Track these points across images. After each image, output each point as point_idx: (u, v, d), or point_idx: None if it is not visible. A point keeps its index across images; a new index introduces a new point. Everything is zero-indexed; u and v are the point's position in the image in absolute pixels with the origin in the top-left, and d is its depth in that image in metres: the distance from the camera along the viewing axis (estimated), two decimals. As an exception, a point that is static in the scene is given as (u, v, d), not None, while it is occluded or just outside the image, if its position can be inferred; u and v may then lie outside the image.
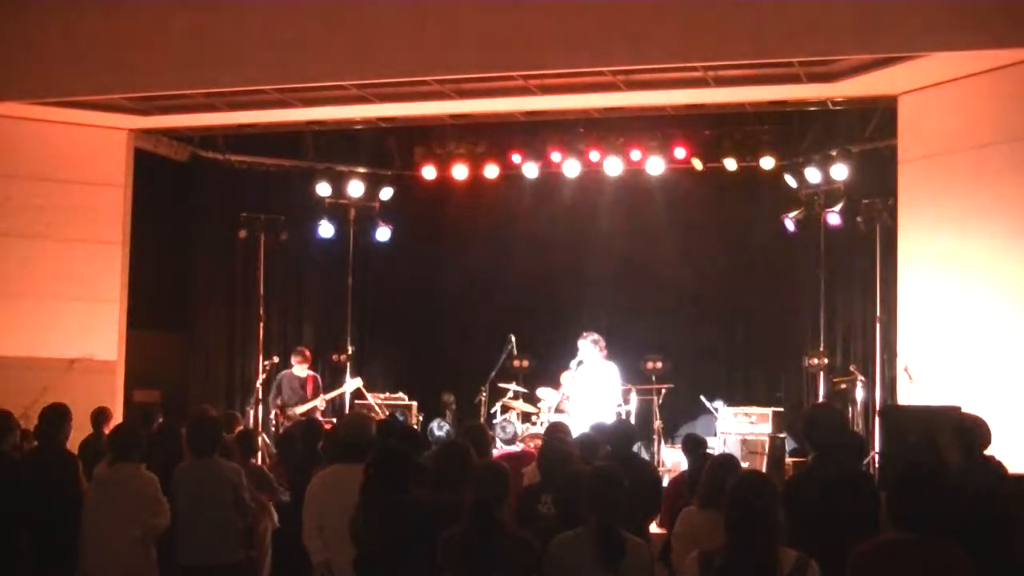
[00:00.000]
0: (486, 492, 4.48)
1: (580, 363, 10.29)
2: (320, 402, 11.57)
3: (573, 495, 4.77)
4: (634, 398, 11.13)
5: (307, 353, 11.87)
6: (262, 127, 11.93)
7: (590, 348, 10.21)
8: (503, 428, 9.69)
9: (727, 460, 5.59)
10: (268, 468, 8.31)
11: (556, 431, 7.08)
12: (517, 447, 9.22)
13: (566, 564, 4.38)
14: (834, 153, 11.41)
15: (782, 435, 10.94)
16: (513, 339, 11.74)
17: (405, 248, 13.76)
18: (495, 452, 8.88)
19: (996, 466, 5.49)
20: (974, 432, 5.53)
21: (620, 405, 10.56)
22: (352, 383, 12.05)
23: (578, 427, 8.12)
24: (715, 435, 10.90)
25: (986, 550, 4.45)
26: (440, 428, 10.72)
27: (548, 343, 12.04)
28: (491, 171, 12.95)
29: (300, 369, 11.66)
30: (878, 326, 10.84)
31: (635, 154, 12.48)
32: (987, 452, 5.58)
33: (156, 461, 6.53)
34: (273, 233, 12.71)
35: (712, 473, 5.23)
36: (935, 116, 9.64)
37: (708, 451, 7.61)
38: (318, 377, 11.92)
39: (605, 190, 13.06)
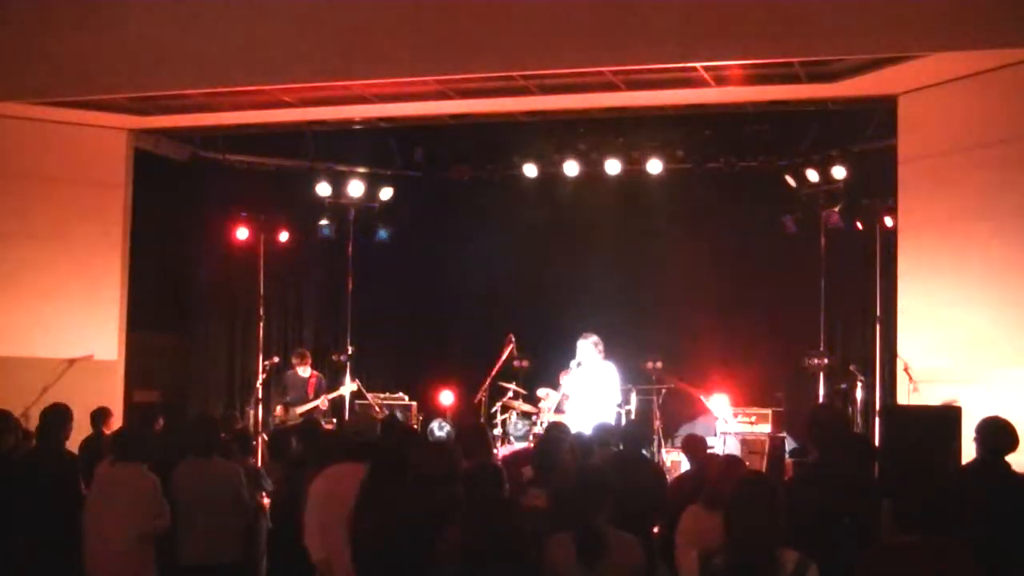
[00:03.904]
0: (480, 491, 4.52)
1: (579, 364, 10.29)
2: (323, 401, 11.59)
3: (562, 495, 4.79)
4: (634, 398, 11.13)
5: (306, 354, 11.94)
6: (262, 127, 11.92)
7: (588, 348, 10.21)
8: (516, 426, 9.69)
9: (732, 461, 5.61)
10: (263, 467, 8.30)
11: (555, 431, 7.09)
12: (525, 444, 9.23)
13: (555, 563, 4.40)
14: (834, 153, 11.40)
15: (782, 435, 10.94)
16: (513, 339, 11.75)
17: (405, 248, 13.75)
18: (506, 450, 8.93)
19: (1005, 467, 5.49)
20: (994, 434, 5.52)
21: (621, 405, 10.56)
22: (349, 386, 12.07)
23: (578, 427, 8.12)
24: (715, 435, 10.90)
25: (997, 550, 4.46)
26: (440, 428, 10.72)
27: (548, 343, 12.03)
28: (491, 171, 12.95)
29: (303, 369, 11.75)
30: (878, 326, 10.84)
31: (635, 154, 12.50)
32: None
33: (156, 461, 6.53)
34: (273, 233, 12.72)
35: (718, 474, 5.25)
36: (935, 116, 9.63)
37: (709, 451, 7.62)
38: (321, 377, 11.96)
39: (605, 190, 13.06)
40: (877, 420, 9.64)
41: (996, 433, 5.52)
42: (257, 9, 9.39)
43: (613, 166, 12.60)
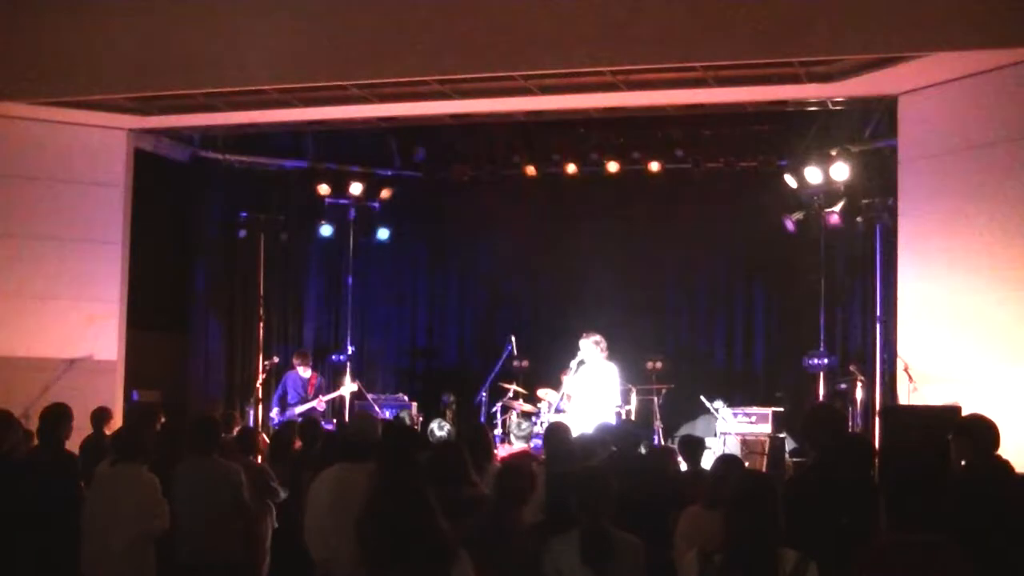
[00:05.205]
0: (509, 492, 4.54)
1: (581, 363, 10.29)
2: (318, 403, 11.60)
3: (563, 496, 4.78)
4: (634, 398, 11.13)
5: (308, 354, 11.97)
6: (262, 127, 11.92)
7: (591, 348, 10.21)
8: (519, 426, 9.69)
9: (732, 461, 5.62)
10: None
11: (556, 432, 7.07)
12: (526, 446, 9.21)
13: (558, 566, 4.40)
14: (834, 153, 11.40)
15: (782, 435, 10.94)
16: (513, 339, 11.75)
17: (405, 248, 13.75)
18: (505, 450, 8.92)
19: (1005, 465, 5.49)
20: (987, 432, 5.52)
21: (620, 406, 10.56)
22: (349, 386, 12.07)
23: (578, 427, 8.12)
24: (715, 435, 10.90)
25: (992, 550, 4.45)
26: (440, 428, 10.74)
27: (548, 343, 12.05)
28: (491, 171, 12.94)
29: (304, 370, 11.77)
30: (878, 326, 10.84)
31: (635, 154, 12.51)
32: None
33: (156, 461, 6.52)
34: (273, 233, 12.73)
35: (717, 473, 5.26)
36: (935, 116, 9.63)
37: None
38: (321, 378, 11.97)
39: (605, 190, 13.06)
40: (877, 420, 9.64)
41: (985, 430, 5.51)
42: (257, 9, 9.39)
43: (613, 166, 12.61)
